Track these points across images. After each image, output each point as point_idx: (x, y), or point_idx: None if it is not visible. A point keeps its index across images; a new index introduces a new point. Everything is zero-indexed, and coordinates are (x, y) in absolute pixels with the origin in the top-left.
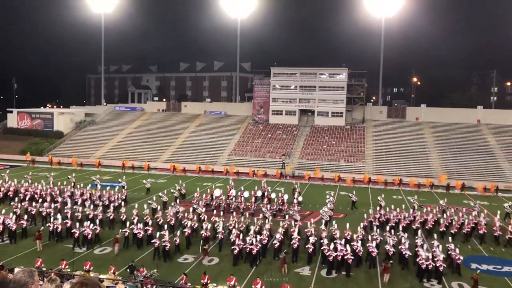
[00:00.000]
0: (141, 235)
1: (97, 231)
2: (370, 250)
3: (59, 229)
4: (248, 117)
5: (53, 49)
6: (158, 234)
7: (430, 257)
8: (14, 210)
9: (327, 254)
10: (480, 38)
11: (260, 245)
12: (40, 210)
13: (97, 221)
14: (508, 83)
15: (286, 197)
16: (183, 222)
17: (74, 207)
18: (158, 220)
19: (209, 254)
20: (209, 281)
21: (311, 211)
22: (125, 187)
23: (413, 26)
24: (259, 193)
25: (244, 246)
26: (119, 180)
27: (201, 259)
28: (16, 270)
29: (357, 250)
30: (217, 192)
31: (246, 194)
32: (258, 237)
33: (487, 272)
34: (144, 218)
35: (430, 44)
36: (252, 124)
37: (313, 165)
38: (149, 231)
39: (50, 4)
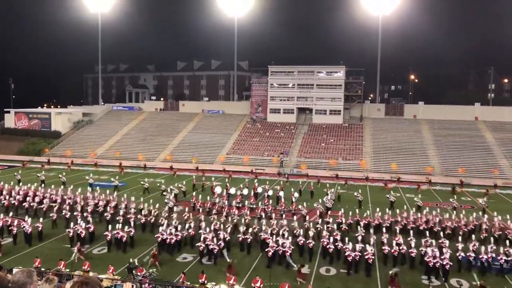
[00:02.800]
0: (173, 240)
1: (132, 233)
2: (409, 251)
3: (82, 234)
4: (246, 116)
5: (50, 49)
6: (202, 237)
7: (437, 255)
8: (51, 215)
9: (346, 254)
10: (478, 35)
11: (293, 247)
12: (75, 213)
13: (132, 223)
14: (506, 80)
15: (282, 194)
16: (226, 226)
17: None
18: (161, 221)
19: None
20: (206, 280)
21: (309, 209)
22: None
23: (411, 23)
24: (260, 190)
25: (277, 249)
26: (111, 179)
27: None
28: (14, 270)
29: (398, 250)
30: (218, 190)
31: (245, 191)
32: (291, 238)
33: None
34: (188, 222)
35: (427, 42)
36: (250, 122)
37: (311, 163)
38: (179, 237)
39: (47, 4)
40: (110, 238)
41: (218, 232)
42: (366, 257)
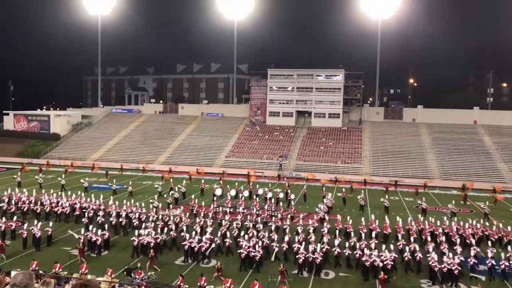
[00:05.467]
0: (203, 248)
1: (158, 240)
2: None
3: (98, 242)
4: (245, 119)
5: (50, 51)
6: (244, 244)
7: (445, 260)
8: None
9: (363, 259)
10: (476, 39)
11: (322, 254)
12: (110, 219)
13: (159, 230)
14: (504, 84)
15: (281, 195)
16: (270, 234)
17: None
18: (195, 227)
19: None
20: (206, 283)
21: (308, 212)
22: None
23: (410, 27)
24: (260, 191)
25: (307, 256)
26: (109, 184)
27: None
28: (14, 273)
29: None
30: (218, 192)
31: (246, 193)
32: (320, 245)
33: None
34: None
35: (426, 45)
36: (249, 125)
37: (310, 166)
38: (207, 244)
39: (46, 6)
40: (136, 243)
41: (257, 240)
42: (385, 262)
